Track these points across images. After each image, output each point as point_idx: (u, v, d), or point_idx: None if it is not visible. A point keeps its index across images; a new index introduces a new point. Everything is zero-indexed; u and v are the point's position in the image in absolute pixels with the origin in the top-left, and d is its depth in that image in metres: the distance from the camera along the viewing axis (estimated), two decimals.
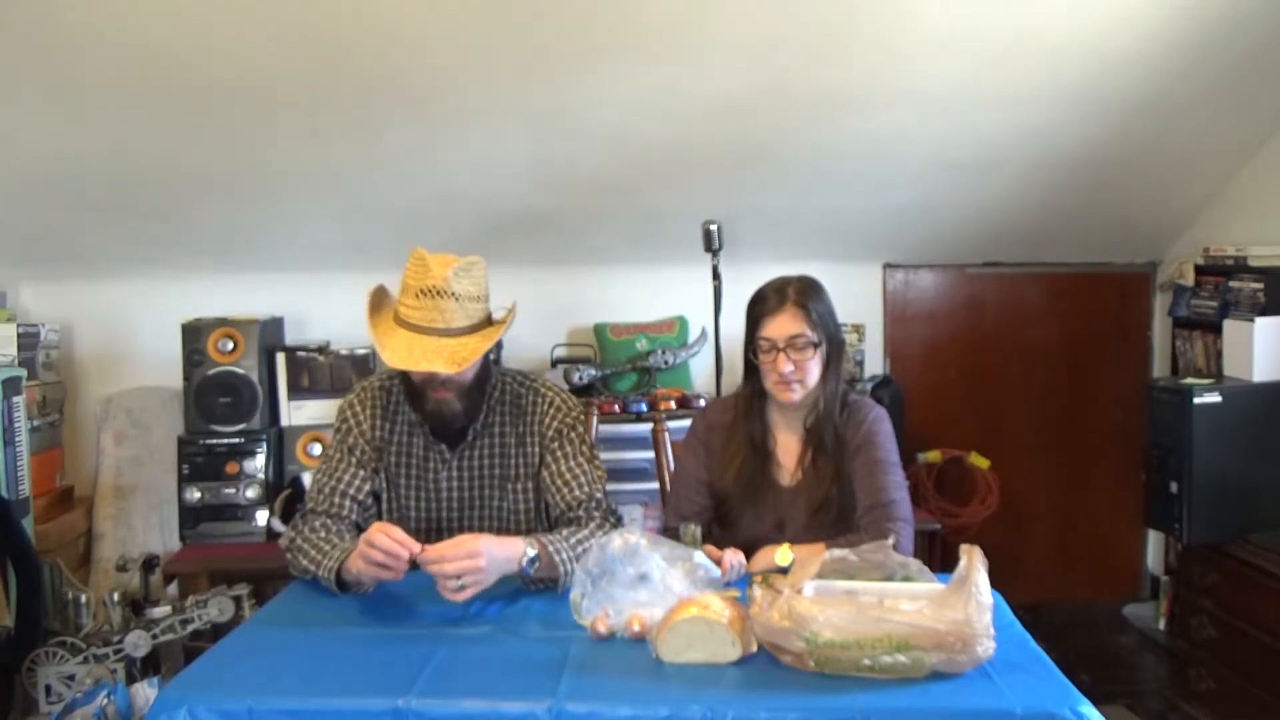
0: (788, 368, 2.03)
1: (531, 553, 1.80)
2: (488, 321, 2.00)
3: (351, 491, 2.04)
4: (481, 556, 1.71)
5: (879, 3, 2.65)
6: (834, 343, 2.09)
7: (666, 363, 3.55)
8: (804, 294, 2.07)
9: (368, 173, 3.17)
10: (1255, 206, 3.40)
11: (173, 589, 3.09)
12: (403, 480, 2.09)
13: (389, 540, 1.73)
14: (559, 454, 2.07)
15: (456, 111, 2.94)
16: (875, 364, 3.86)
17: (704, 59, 2.80)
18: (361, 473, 2.06)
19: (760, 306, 2.10)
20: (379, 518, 2.08)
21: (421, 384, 1.98)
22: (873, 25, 2.72)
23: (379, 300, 2.05)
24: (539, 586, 1.84)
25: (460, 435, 2.07)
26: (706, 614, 1.53)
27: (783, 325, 2.05)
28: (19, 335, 3.23)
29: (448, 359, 1.88)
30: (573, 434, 2.09)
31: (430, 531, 2.08)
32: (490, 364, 2.09)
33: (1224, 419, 2.92)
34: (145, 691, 2.53)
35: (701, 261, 3.29)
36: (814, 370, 2.06)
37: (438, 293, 1.89)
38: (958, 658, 1.44)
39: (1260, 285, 3.16)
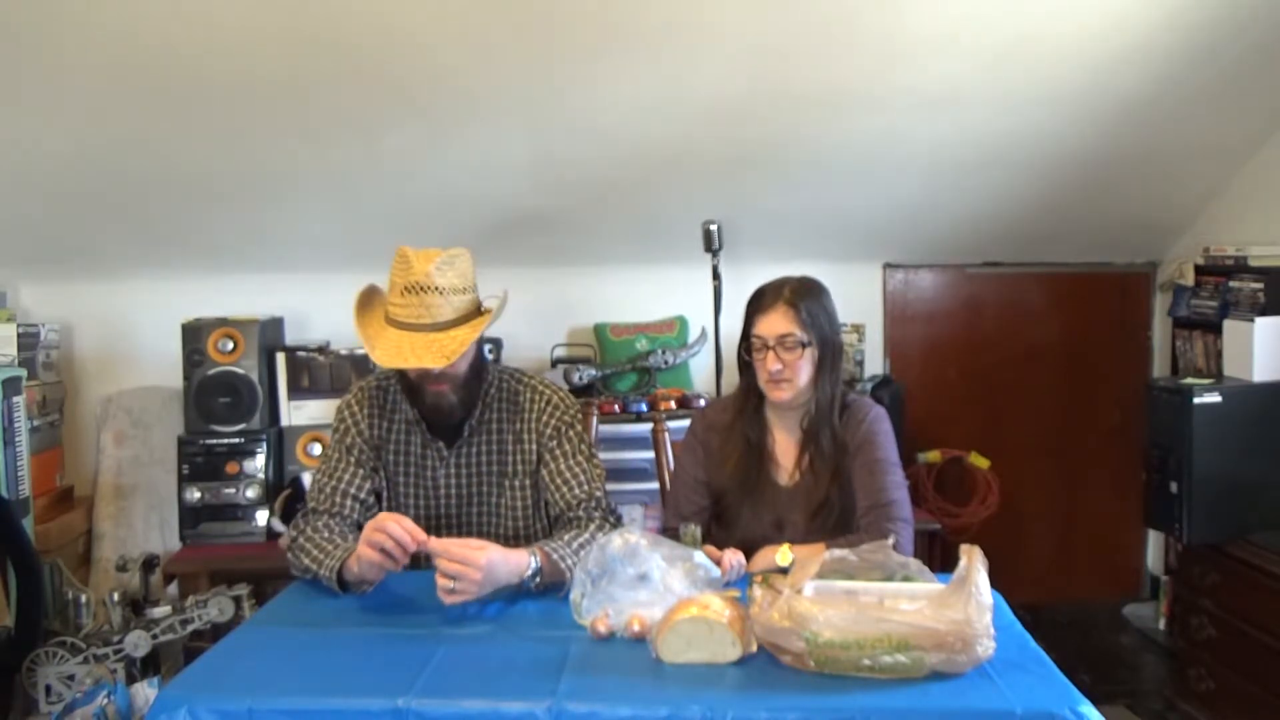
0: (775, 366, 2.04)
1: (534, 564, 1.80)
2: (476, 312, 2.00)
3: (352, 490, 2.05)
4: (480, 570, 1.70)
5: (879, 3, 2.65)
6: (828, 344, 2.08)
7: (666, 363, 3.55)
8: (798, 294, 2.07)
9: (368, 173, 3.17)
10: (1255, 206, 3.40)
11: (173, 589, 3.09)
12: (401, 478, 2.09)
13: (399, 528, 1.74)
14: (558, 452, 2.07)
15: (457, 112, 2.94)
16: (875, 364, 3.86)
17: (704, 59, 2.80)
18: (361, 471, 2.07)
19: (755, 304, 2.11)
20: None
21: (417, 379, 2.00)
22: (873, 25, 2.72)
23: (368, 299, 2.06)
24: (542, 590, 1.84)
25: (457, 432, 2.07)
26: (706, 614, 1.53)
27: (773, 324, 2.05)
28: (19, 335, 3.23)
29: (436, 353, 1.89)
30: (571, 432, 2.09)
31: (429, 529, 2.06)
32: (485, 355, 2.09)
33: (1224, 419, 2.92)
34: (145, 691, 2.53)
35: (701, 261, 3.29)
36: (804, 370, 2.06)
37: (421, 288, 1.90)
38: (958, 658, 1.44)
39: (1260, 285, 3.16)
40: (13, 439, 2.92)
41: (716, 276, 3.27)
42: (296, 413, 3.38)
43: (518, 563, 1.79)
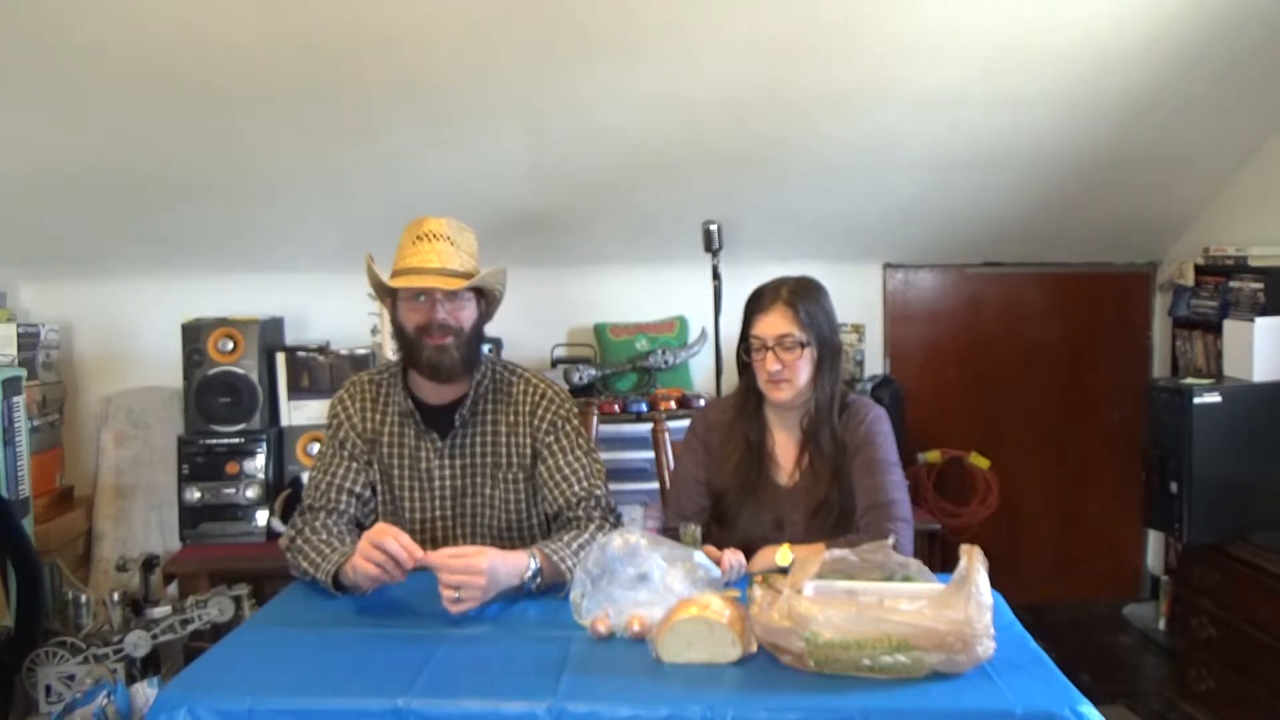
0: (775, 367, 2.04)
1: (534, 565, 1.80)
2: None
3: (348, 485, 2.05)
4: (483, 575, 1.70)
5: (879, 3, 2.65)
6: (827, 344, 2.08)
7: (666, 363, 3.55)
8: (796, 294, 2.07)
9: (368, 173, 3.17)
10: (1255, 206, 3.40)
11: (173, 589, 3.09)
12: (396, 472, 2.09)
13: (395, 544, 1.73)
14: (555, 448, 2.07)
15: (456, 112, 2.94)
16: (875, 364, 3.86)
17: (704, 59, 2.80)
18: (355, 465, 2.07)
19: (754, 305, 2.11)
20: (377, 511, 2.09)
21: (418, 333, 2.00)
22: (873, 26, 2.72)
23: (373, 271, 2.08)
24: (542, 591, 1.84)
25: (449, 422, 2.07)
26: (706, 614, 1.53)
27: (772, 324, 2.05)
28: (19, 335, 3.23)
29: (448, 282, 1.96)
30: (568, 427, 2.09)
31: (425, 522, 2.08)
32: (482, 331, 2.09)
33: (1224, 419, 2.92)
34: (145, 691, 2.53)
35: (701, 261, 3.29)
36: (803, 370, 2.06)
37: (434, 236, 1.99)
38: (958, 658, 1.44)
39: (1260, 285, 3.16)
40: (13, 439, 2.92)
41: (716, 276, 3.27)
42: (296, 413, 3.37)
43: (517, 564, 1.79)
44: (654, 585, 1.68)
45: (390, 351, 3.23)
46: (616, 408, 3.36)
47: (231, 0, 2.50)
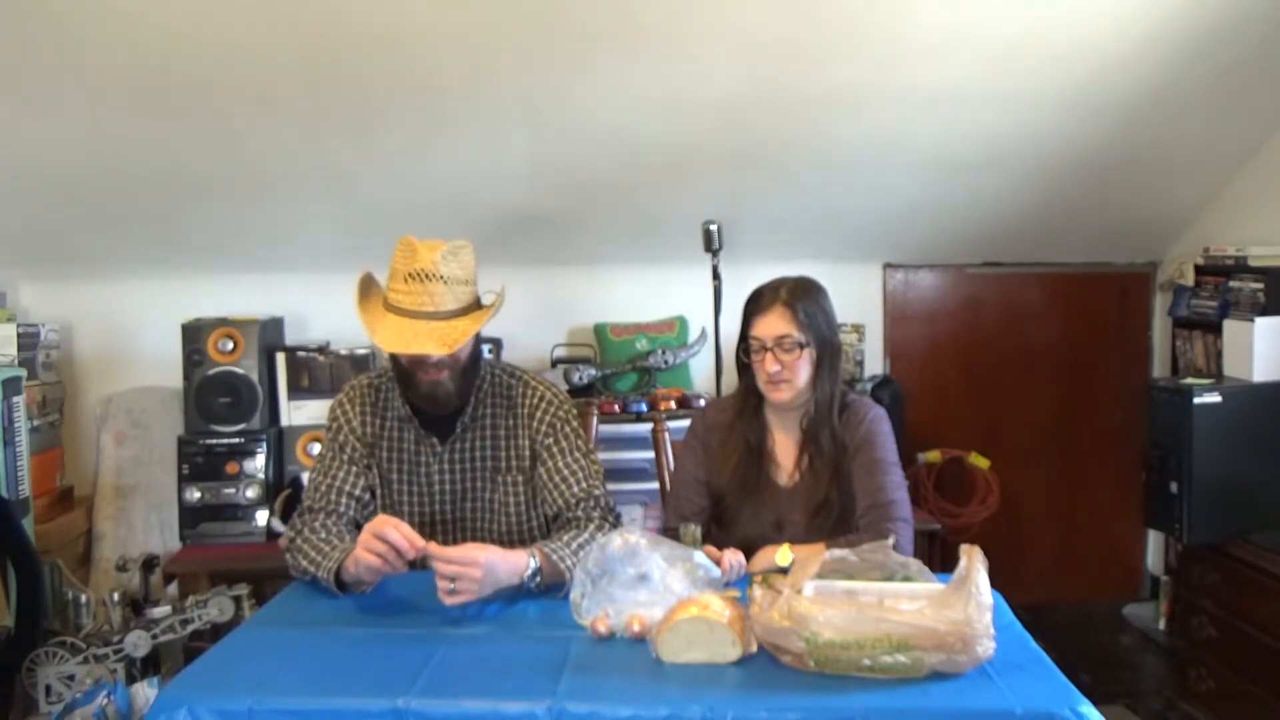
0: (774, 368, 2.04)
1: (534, 565, 1.80)
2: (477, 304, 2.00)
3: (347, 488, 2.05)
4: (479, 567, 1.71)
5: (879, 3, 2.65)
6: (826, 345, 2.08)
7: (666, 363, 3.55)
8: (795, 295, 2.06)
9: (367, 172, 3.17)
10: (1255, 206, 3.40)
11: (173, 589, 3.09)
12: (395, 476, 2.09)
13: (397, 534, 1.74)
14: (554, 450, 2.07)
15: (456, 111, 2.94)
16: (875, 364, 3.86)
17: (704, 59, 2.80)
18: (355, 469, 2.07)
19: (753, 305, 2.11)
20: (376, 514, 2.09)
21: (412, 367, 1.98)
22: (873, 25, 2.72)
23: (367, 287, 2.05)
24: (542, 591, 1.84)
25: (450, 427, 2.07)
26: (706, 614, 1.53)
27: (771, 325, 2.05)
28: (19, 335, 3.23)
29: (439, 341, 1.89)
30: (567, 428, 2.09)
31: (424, 526, 2.08)
32: (480, 348, 2.08)
33: (1224, 419, 2.92)
34: (145, 691, 2.53)
35: (701, 261, 3.29)
36: (802, 371, 2.06)
37: (426, 276, 1.90)
38: (958, 658, 1.44)
39: (1260, 285, 3.16)
40: (13, 439, 2.92)
41: (716, 276, 3.27)
42: (296, 413, 3.37)
43: (516, 563, 1.79)
44: (654, 585, 1.68)
45: None
46: (616, 408, 3.36)
47: (231, 0, 2.50)
